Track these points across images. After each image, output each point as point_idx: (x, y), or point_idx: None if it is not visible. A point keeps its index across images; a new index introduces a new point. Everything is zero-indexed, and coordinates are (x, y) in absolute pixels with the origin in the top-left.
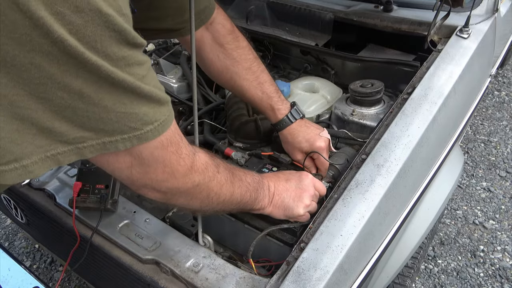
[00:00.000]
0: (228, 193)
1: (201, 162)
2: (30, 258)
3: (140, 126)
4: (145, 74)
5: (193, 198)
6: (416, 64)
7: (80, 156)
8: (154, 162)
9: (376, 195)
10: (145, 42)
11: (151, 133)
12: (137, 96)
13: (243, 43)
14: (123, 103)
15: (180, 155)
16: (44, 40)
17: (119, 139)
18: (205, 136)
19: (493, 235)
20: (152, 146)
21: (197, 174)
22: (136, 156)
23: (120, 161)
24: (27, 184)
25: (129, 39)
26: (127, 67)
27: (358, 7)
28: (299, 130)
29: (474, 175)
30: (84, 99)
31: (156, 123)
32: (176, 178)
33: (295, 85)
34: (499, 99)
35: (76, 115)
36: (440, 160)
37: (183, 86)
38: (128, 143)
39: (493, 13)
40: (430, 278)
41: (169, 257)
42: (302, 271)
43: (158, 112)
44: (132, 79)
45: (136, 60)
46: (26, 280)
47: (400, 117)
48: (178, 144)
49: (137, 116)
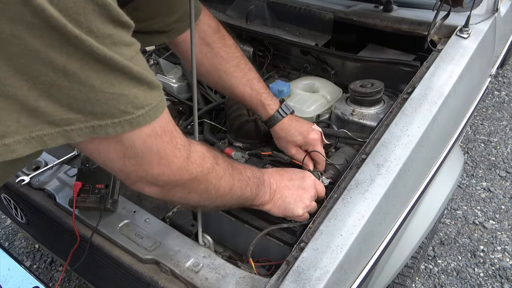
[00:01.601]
0: (228, 186)
1: (198, 154)
2: (30, 258)
3: (131, 109)
4: (133, 55)
5: (191, 191)
6: (416, 64)
7: (68, 139)
8: (148, 152)
9: (376, 195)
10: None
11: (143, 118)
12: (126, 76)
13: (229, 41)
14: (111, 83)
15: (176, 145)
16: (24, 8)
17: (109, 123)
18: (205, 136)
19: (493, 235)
20: (145, 134)
21: (195, 166)
22: (129, 145)
23: (111, 150)
24: (27, 184)
25: (113, 15)
26: (113, 45)
27: (358, 7)
28: (291, 124)
29: (474, 175)
30: (70, 77)
31: (148, 107)
32: (173, 171)
33: (295, 85)
34: (499, 99)
35: (62, 94)
36: (440, 160)
37: (183, 86)
38: (119, 128)
39: (493, 13)
40: (430, 278)
41: (169, 257)
42: (302, 271)
43: (149, 96)
44: (119, 57)
45: (123, 40)
46: (26, 280)
47: (400, 117)
48: (172, 134)
49: (127, 98)
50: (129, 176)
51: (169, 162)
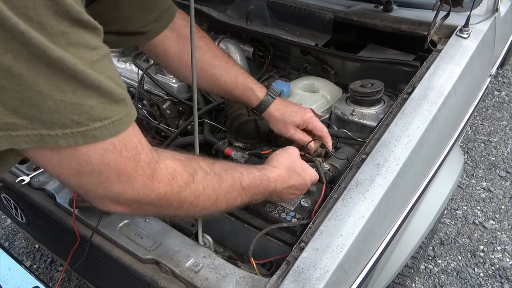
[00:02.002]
0: (209, 201)
1: (167, 172)
2: (30, 258)
3: (85, 121)
4: (95, 60)
5: (163, 208)
6: (416, 64)
7: (13, 144)
8: (106, 168)
9: (376, 195)
10: (98, 26)
11: (100, 131)
12: (81, 83)
13: (203, 33)
14: (62, 90)
15: (138, 162)
16: None
17: (59, 134)
18: (205, 136)
19: (493, 235)
20: (102, 148)
21: (162, 185)
22: (84, 160)
23: (64, 165)
24: (27, 184)
25: (69, 12)
26: (69, 46)
27: (358, 7)
28: (284, 105)
29: (474, 175)
30: (15, 79)
31: (107, 121)
32: (135, 189)
33: (295, 85)
34: (499, 99)
35: (7, 97)
36: (440, 160)
37: (183, 86)
38: (71, 140)
39: (493, 13)
40: (430, 278)
41: (169, 257)
42: (302, 271)
43: (109, 109)
44: (73, 60)
45: (83, 41)
46: (26, 280)
47: (400, 117)
48: (135, 150)
49: (81, 108)
50: (88, 194)
51: (130, 180)
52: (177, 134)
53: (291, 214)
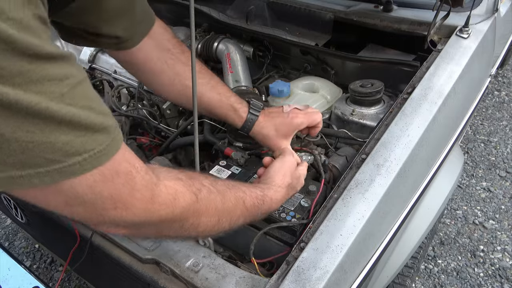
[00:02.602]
0: (210, 222)
1: (167, 192)
2: (30, 258)
3: (60, 158)
4: (65, 92)
5: (164, 229)
6: (416, 64)
7: None
8: (99, 197)
9: (376, 195)
10: (68, 54)
11: (80, 165)
12: (47, 121)
13: (185, 47)
14: (28, 131)
15: (134, 186)
16: None
17: (32, 173)
18: (205, 136)
19: (493, 235)
20: (88, 181)
21: (164, 207)
22: (71, 193)
23: (50, 200)
24: None
25: (29, 50)
26: (30, 84)
27: (358, 7)
28: (269, 120)
29: (474, 175)
30: None
31: (87, 154)
32: (135, 213)
33: (295, 85)
34: (499, 99)
35: None
36: (440, 160)
37: None
38: (48, 179)
39: (493, 13)
40: (430, 278)
41: (169, 256)
42: (302, 271)
43: (90, 141)
44: (34, 98)
45: (48, 75)
46: (26, 280)
47: (400, 117)
48: (129, 174)
49: (52, 146)
50: (85, 222)
51: (127, 205)
52: (177, 134)
53: (291, 214)
